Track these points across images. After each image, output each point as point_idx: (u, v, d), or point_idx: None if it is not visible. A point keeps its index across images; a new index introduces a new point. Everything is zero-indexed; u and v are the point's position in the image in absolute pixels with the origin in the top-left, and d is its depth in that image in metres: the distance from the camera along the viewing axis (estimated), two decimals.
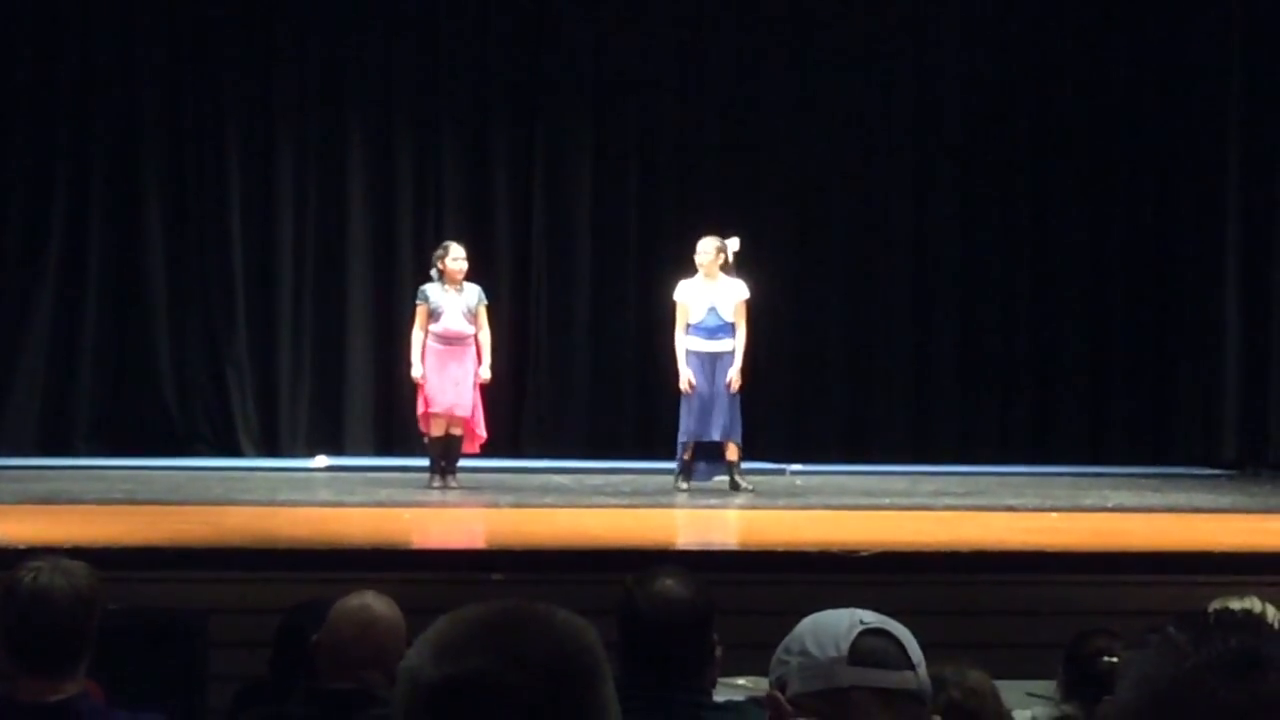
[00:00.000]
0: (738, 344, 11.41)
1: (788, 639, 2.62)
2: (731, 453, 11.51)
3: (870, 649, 2.54)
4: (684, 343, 11.46)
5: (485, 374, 11.56)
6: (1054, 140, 14.94)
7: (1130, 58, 14.88)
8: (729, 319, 11.42)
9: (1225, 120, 14.57)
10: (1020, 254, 15.05)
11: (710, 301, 11.43)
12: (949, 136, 14.93)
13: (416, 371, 11.50)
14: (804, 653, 2.56)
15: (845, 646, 2.54)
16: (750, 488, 11.52)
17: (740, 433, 11.47)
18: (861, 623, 2.57)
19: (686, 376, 11.39)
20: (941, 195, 15.00)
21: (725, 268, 11.46)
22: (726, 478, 11.52)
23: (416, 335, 11.54)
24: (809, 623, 2.61)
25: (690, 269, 11.56)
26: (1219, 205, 14.62)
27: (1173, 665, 1.61)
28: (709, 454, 11.55)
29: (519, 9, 14.60)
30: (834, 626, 2.57)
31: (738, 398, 11.44)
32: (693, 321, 11.45)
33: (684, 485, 11.53)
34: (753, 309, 11.58)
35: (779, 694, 2.56)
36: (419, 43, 14.43)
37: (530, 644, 1.66)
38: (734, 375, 11.39)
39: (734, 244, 11.53)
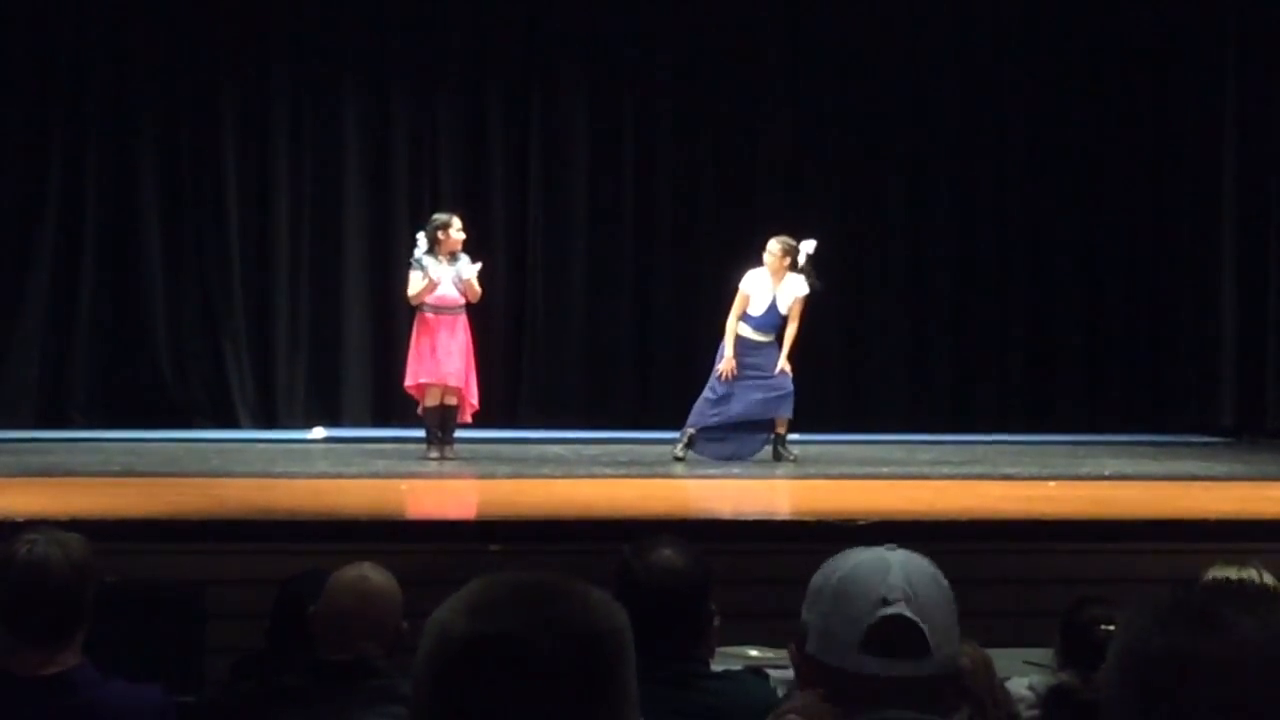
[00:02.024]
0: (787, 335, 11.47)
1: (821, 582, 2.51)
2: (780, 425, 11.55)
3: (886, 637, 2.44)
4: (736, 329, 11.50)
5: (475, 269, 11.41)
6: (1051, 109, 14.91)
7: (1127, 25, 14.86)
8: (785, 314, 11.47)
9: (1223, 85, 14.55)
10: (1016, 223, 15.03)
11: (772, 297, 11.47)
12: (945, 107, 14.90)
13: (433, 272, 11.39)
14: (826, 616, 2.49)
15: (863, 629, 2.45)
16: (793, 458, 11.55)
17: (791, 408, 11.51)
18: (885, 601, 2.45)
19: (730, 364, 11.44)
20: (937, 164, 14.97)
21: (794, 268, 11.47)
22: (770, 448, 11.56)
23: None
24: (844, 576, 2.49)
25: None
26: (1215, 172, 14.61)
27: (1145, 633, 1.63)
28: (750, 430, 11.57)
29: None
30: (860, 597, 2.46)
31: (788, 376, 11.48)
32: (751, 312, 11.50)
33: (682, 455, 11.55)
34: (808, 303, 11.53)
35: (796, 649, 2.53)
36: (416, 13, 14.38)
37: (565, 614, 1.68)
38: (783, 363, 11.45)
39: (808, 246, 11.49)
